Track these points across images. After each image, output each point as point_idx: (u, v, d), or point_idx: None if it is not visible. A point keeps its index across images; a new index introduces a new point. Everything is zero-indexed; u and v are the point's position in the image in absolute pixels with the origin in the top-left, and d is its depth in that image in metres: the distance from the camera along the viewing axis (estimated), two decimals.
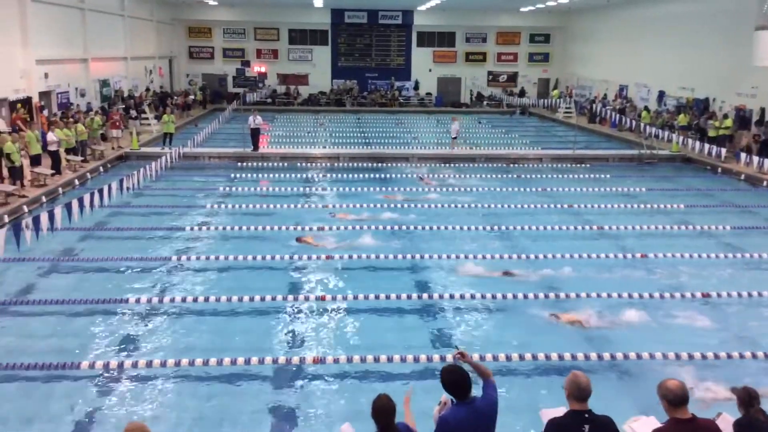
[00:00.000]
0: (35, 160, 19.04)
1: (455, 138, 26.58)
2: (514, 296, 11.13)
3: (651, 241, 14.84)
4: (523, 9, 42.68)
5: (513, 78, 47.85)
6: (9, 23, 22.53)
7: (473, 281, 12.08)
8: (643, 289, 11.55)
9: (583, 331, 10.11)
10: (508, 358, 8.92)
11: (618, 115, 31.59)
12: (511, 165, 24.80)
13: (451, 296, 11.13)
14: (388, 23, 46.29)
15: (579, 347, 9.37)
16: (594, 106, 37.17)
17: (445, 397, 4.91)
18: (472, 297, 11.12)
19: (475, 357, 8.02)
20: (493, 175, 22.62)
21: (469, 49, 47.45)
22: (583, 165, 24.74)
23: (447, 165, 24.55)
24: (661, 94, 33.02)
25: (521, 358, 8.94)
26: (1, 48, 21.68)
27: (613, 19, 38.42)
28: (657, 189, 20.67)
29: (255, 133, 25.43)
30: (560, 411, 4.79)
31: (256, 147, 25.51)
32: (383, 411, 4.65)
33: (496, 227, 15.75)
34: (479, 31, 47.01)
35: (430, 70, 47.17)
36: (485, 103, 45.78)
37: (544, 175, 22.73)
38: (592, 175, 22.65)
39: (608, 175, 22.58)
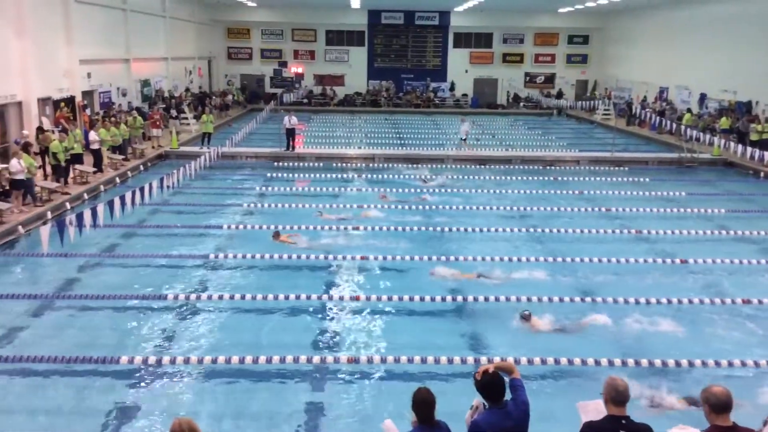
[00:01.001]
0: (78, 158, 19.46)
1: (465, 139, 26.47)
2: (550, 299, 11.04)
3: (690, 246, 14.58)
4: (561, 10, 42.28)
5: (550, 79, 47.42)
6: (54, 24, 23.07)
7: (505, 284, 12.00)
8: (681, 294, 11.36)
9: (616, 336, 9.98)
10: (556, 362, 8.86)
11: (658, 118, 31.08)
12: (548, 167, 24.59)
13: (486, 299, 11.07)
14: (424, 24, 46.25)
15: (612, 352, 9.25)
16: (633, 108, 36.64)
17: (478, 401, 4.89)
18: (507, 299, 11.04)
19: (496, 360, 8.00)
20: (529, 177, 22.44)
21: (507, 50, 47.16)
22: (621, 168, 24.40)
23: (483, 166, 24.44)
24: (703, 97, 32.41)
25: (556, 362, 8.86)
26: (46, 48, 22.21)
27: (654, 20, 37.82)
28: (697, 193, 20.29)
29: (290, 134, 25.64)
30: (597, 404, 4.75)
31: (291, 147, 25.71)
32: (424, 403, 4.69)
33: (531, 230, 15.63)
34: (517, 32, 46.70)
35: (466, 71, 47.00)
36: (522, 104, 45.45)
37: (581, 178, 22.48)
38: (630, 179, 22.33)
39: (647, 179, 22.24)
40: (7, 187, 15.71)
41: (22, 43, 20.58)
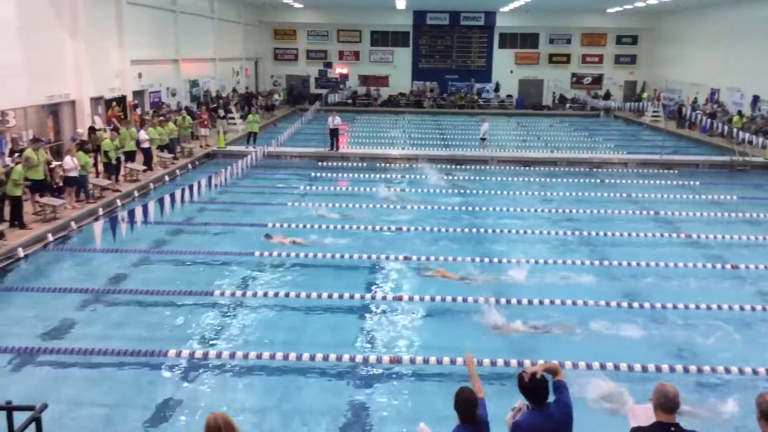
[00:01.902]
0: (128, 157, 19.94)
1: (484, 139, 26.26)
2: (596, 303, 10.90)
3: (741, 252, 14.23)
4: (609, 10, 41.62)
5: (598, 80, 46.74)
6: (106, 25, 23.69)
7: (550, 287, 11.88)
8: (731, 300, 11.11)
9: (663, 342, 9.80)
10: (602, 367, 8.75)
11: (708, 120, 30.37)
12: (594, 169, 24.24)
13: (530, 302, 10.98)
14: (470, 24, 46.06)
15: (660, 358, 9.10)
16: (683, 110, 35.86)
17: (521, 402, 4.88)
18: (551, 303, 10.93)
19: (541, 362, 7.92)
20: (575, 180, 22.16)
21: (553, 51, 46.66)
22: (671, 171, 23.91)
23: (527, 168, 24.22)
24: (756, 99, 31.52)
25: (602, 367, 8.74)
26: (99, 49, 22.80)
27: (706, 21, 36.95)
28: (749, 197, 19.77)
29: (334, 134, 25.83)
30: (647, 408, 4.68)
31: (335, 147, 25.89)
32: (467, 402, 4.70)
33: (576, 233, 15.44)
34: (564, 33, 46.16)
35: (511, 72, 46.64)
36: (568, 105, 44.90)
37: (628, 181, 22.10)
38: (680, 182, 21.87)
39: (697, 182, 21.75)
40: (61, 184, 16.18)
41: (76, 44, 21.17)
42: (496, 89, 46.68)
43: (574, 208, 17.78)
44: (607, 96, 45.13)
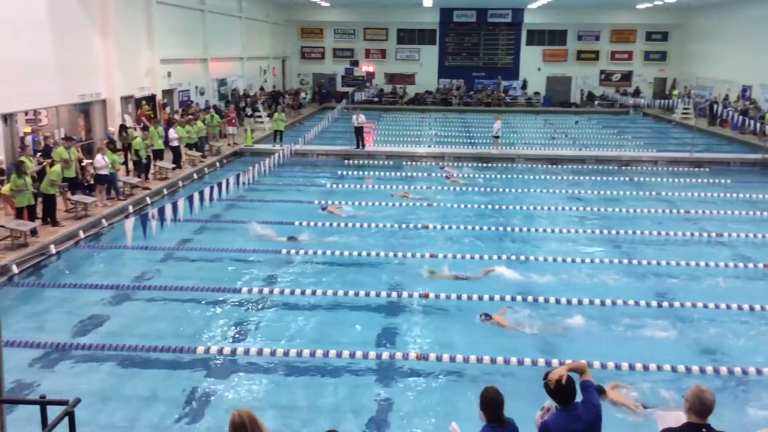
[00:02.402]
0: (157, 155, 20.18)
1: (497, 137, 26.07)
2: (625, 302, 10.79)
3: None
4: (639, 6, 41.10)
5: (627, 77, 46.19)
6: (137, 25, 23.99)
7: (578, 286, 11.79)
8: (763, 300, 10.92)
9: (692, 342, 9.67)
10: (630, 367, 8.66)
11: (740, 117, 29.83)
12: (623, 167, 23.97)
13: (557, 301, 10.91)
14: (497, 22, 45.83)
15: (693, 359, 8.98)
16: (714, 107, 35.28)
17: (549, 402, 4.85)
18: (579, 302, 10.84)
19: (568, 361, 7.85)
20: (603, 178, 21.93)
21: (581, 48, 46.22)
22: (701, 169, 23.54)
23: (555, 166, 24.04)
24: None
25: (631, 367, 8.66)
26: (130, 48, 23.11)
27: (737, 17, 36.29)
28: None
29: (359, 132, 25.88)
30: (678, 415, 4.63)
31: (360, 145, 25.94)
32: (493, 402, 4.67)
33: (605, 231, 15.29)
34: (592, 29, 45.69)
35: (539, 69, 46.31)
36: (596, 102, 44.44)
37: (658, 179, 21.81)
38: (711, 180, 21.52)
39: (729, 180, 21.39)
40: (92, 182, 16.42)
41: (107, 43, 21.48)
42: (524, 87, 46.38)
43: (603, 207, 17.61)
44: (637, 93, 44.60)
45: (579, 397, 4.81)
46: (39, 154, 16.59)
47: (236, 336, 9.92)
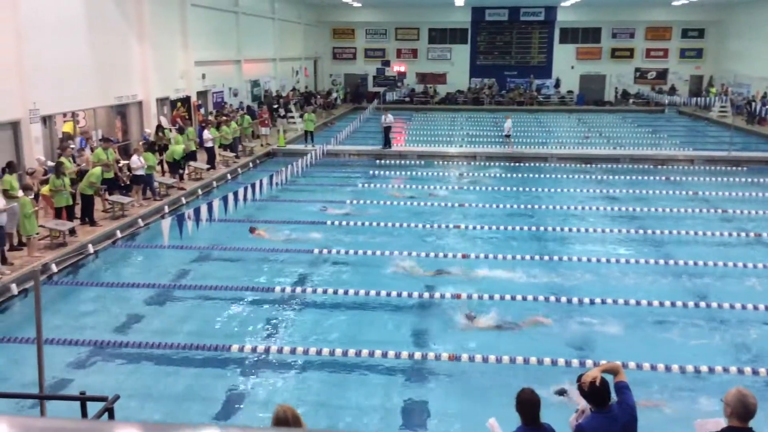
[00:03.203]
0: (192, 156, 20.44)
1: (508, 136, 25.85)
2: (660, 303, 10.64)
3: None
4: (675, 3, 40.41)
5: (662, 75, 45.49)
6: (172, 27, 24.35)
7: (615, 286, 11.67)
8: None
9: (732, 343, 9.49)
10: (666, 369, 8.55)
11: None
12: (659, 166, 23.62)
13: (591, 301, 10.80)
14: (529, 20, 45.50)
15: (731, 360, 8.82)
16: (752, 105, 34.55)
17: (584, 404, 4.82)
18: (614, 302, 10.73)
19: (603, 362, 7.77)
20: (639, 177, 21.64)
21: (616, 45, 45.64)
22: (739, 168, 23.09)
23: (588, 165, 23.78)
24: None
25: (653, 368, 8.54)
26: (165, 50, 23.47)
27: None
28: None
29: (387, 131, 25.94)
30: (717, 422, 4.56)
31: (388, 144, 25.97)
32: (529, 403, 4.66)
33: (640, 231, 15.09)
34: (627, 27, 45.10)
35: (572, 68, 45.85)
36: (631, 101, 43.84)
37: (695, 178, 21.45)
38: (749, 179, 21.10)
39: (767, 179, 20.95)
40: (128, 183, 16.71)
41: (143, 46, 21.84)
42: (557, 85, 45.96)
43: (638, 206, 17.38)
44: (672, 91, 43.89)
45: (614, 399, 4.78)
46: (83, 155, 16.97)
47: (270, 334, 10.02)
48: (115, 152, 17.10)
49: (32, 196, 13.06)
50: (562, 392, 8.14)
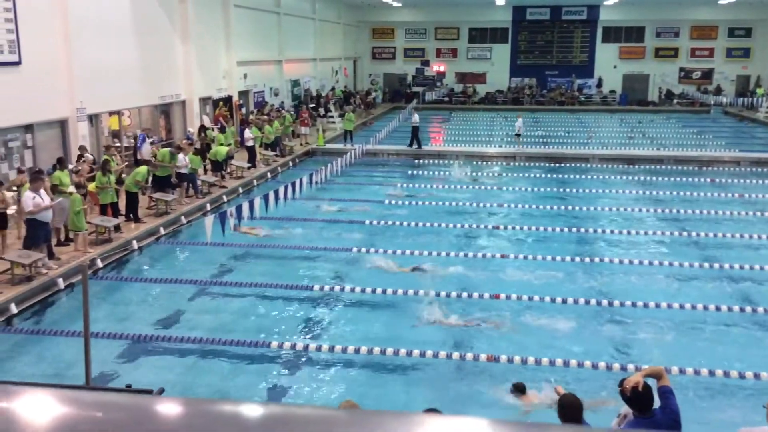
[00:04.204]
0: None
1: (519, 135, 25.53)
2: (705, 307, 10.43)
3: None
4: (721, 1, 39.51)
5: (708, 75, 44.50)
6: (215, 28, 24.71)
7: (657, 289, 11.47)
8: None
9: None
10: (710, 373, 8.39)
11: None
12: (704, 168, 23.12)
13: (633, 304, 10.63)
14: (571, 19, 44.97)
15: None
16: None
17: (626, 409, 4.76)
18: (657, 306, 10.55)
19: (645, 367, 7.65)
20: (683, 179, 21.22)
21: (660, 45, 44.80)
22: None
23: (631, 166, 23.41)
24: None
25: (681, 372, 8.37)
26: (208, 51, 23.84)
27: None
28: None
29: (415, 131, 25.92)
30: (763, 430, 4.47)
31: (417, 143, 25.91)
32: (571, 407, 4.62)
33: (684, 234, 14.81)
34: (671, 25, 44.23)
35: (615, 67, 45.16)
36: (675, 101, 43.00)
37: (741, 180, 20.95)
38: None
39: None
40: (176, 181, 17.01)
41: (187, 46, 22.22)
42: (599, 85, 45.32)
43: (682, 209, 17.05)
44: (718, 91, 42.93)
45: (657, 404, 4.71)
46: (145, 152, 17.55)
47: (309, 332, 10.10)
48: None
49: (83, 194, 13.40)
50: (519, 388, 7.93)
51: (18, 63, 14.93)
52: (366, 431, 0.65)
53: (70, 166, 14.90)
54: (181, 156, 16.70)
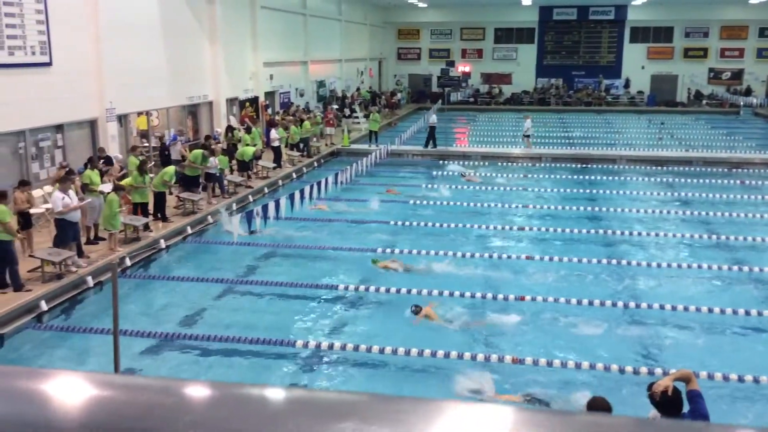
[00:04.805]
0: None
1: (527, 136, 25.29)
2: (734, 311, 10.27)
3: None
4: (752, 1, 38.89)
5: (738, 75, 43.82)
6: (242, 29, 24.92)
7: (685, 293, 11.33)
8: None
9: None
10: (740, 379, 8.27)
11: None
12: (733, 170, 22.76)
13: (661, 307, 10.51)
14: (599, 19, 44.59)
15: None
16: None
17: (654, 413, 4.71)
18: (685, 309, 10.41)
19: (673, 371, 7.56)
20: (712, 180, 20.92)
21: (689, 45, 44.23)
22: None
23: (659, 168, 23.13)
24: None
25: (710, 376, 8.25)
26: (235, 52, 24.04)
27: None
28: None
29: (432, 131, 25.88)
30: None
31: (433, 143, 25.89)
32: (600, 411, 4.58)
33: (712, 236, 14.61)
34: (701, 25, 43.63)
35: (642, 68, 44.67)
36: (704, 102, 42.40)
37: None
38: None
39: None
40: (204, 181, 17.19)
41: (214, 48, 22.43)
42: (626, 85, 44.86)
43: (711, 211, 16.82)
44: (748, 92, 42.26)
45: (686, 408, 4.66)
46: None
47: (333, 331, 10.13)
48: (186, 151, 17.63)
49: (120, 196, 13.57)
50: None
51: (49, 64, 15.20)
52: (390, 415, 0.66)
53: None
54: (212, 158, 16.85)
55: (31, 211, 12.78)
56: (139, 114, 19.76)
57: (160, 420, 0.69)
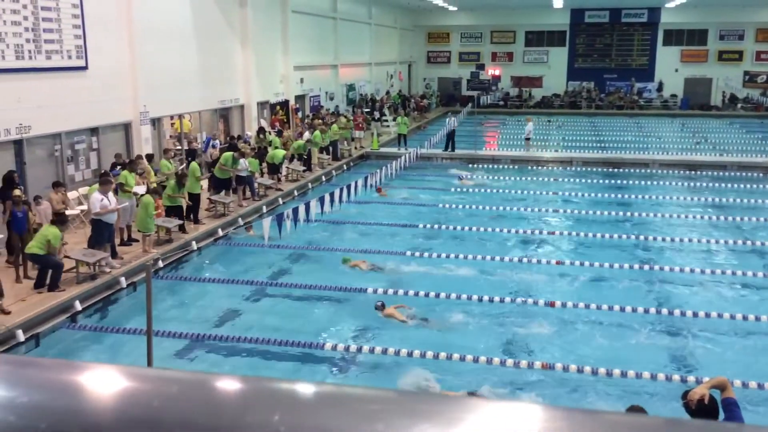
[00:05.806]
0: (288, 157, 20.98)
1: (528, 139, 24.99)
2: None
3: None
4: None
5: None
6: (273, 33, 25.12)
7: (719, 299, 11.15)
8: None
9: None
10: (759, 386, 8.12)
11: None
12: None
13: (695, 314, 10.35)
14: (631, 21, 44.04)
15: None
16: None
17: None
18: (719, 316, 10.24)
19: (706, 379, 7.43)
20: (744, 185, 20.54)
21: (723, 48, 43.47)
22: None
23: (693, 172, 22.77)
24: None
25: (744, 385, 8.09)
26: (266, 56, 24.24)
27: None
28: None
29: (451, 135, 25.78)
30: None
31: (452, 147, 25.82)
32: None
33: (747, 242, 14.34)
34: (736, 28, 42.85)
35: (676, 71, 43.99)
36: (739, 105, 41.64)
37: None
38: None
39: None
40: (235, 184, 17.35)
41: (246, 52, 22.65)
42: (659, 89, 44.24)
43: (746, 216, 16.51)
44: None
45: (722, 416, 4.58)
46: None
47: (360, 334, 10.15)
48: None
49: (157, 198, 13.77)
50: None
51: (85, 68, 15.48)
52: (417, 413, 0.67)
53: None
54: (242, 160, 17.01)
55: (67, 212, 13.01)
56: (172, 117, 20.03)
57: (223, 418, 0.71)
